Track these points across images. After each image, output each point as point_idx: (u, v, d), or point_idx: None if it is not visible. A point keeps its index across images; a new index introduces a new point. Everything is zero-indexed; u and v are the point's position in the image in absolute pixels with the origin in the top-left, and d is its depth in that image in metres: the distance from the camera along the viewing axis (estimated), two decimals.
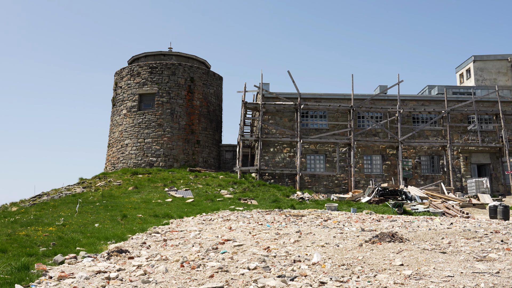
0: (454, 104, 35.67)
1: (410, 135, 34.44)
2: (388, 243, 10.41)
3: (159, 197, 24.84)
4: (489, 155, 35.27)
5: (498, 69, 43.27)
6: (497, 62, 43.47)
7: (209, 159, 37.17)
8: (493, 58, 43.56)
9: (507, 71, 43.09)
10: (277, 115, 34.92)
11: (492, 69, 43.35)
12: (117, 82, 38.33)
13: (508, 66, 43.19)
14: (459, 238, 11.24)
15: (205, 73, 38.22)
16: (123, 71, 37.90)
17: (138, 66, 37.06)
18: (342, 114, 35.20)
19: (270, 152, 34.20)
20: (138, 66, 37.08)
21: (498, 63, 43.44)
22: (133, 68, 37.21)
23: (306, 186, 33.46)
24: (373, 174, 34.25)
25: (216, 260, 8.92)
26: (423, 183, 33.92)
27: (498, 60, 43.50)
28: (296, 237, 11.69)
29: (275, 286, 6.93)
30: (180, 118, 35.98)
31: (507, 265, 8.11)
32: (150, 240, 12.11)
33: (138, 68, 37.00)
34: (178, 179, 30.72)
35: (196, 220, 16.41)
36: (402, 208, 22.33)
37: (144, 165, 34.75)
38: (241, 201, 25.16)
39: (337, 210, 22.09)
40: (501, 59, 43.44)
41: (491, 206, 21.35)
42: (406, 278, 7.31)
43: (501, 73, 43.12)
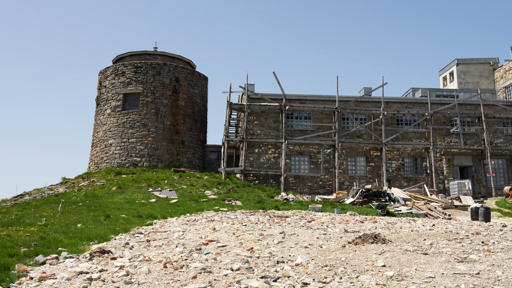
0: (437, 107, 36.03)
1: (394, 137, 34.72)
2: (371, 244, 10.48)
3: (143, 198, 24.71)
4: (471, 157, 35.69)
5: (480, 73, 43.80)
6: (479, 65, 44.00)
7: (194, 160, 37.07)
8: (476, 62, 44.08)
9: (489, 75, 43.65)
10: (262, 116, 34.96)
11: (474, 73, 43.87)
12: (101, 82, 38.05)
13: (490, 70, 43.75)
14: (440, 239, 11.36)
15: (190, 73, 38.12)
16: (108, 70, 37.64)
17: (123, 66, 36.84)
18: (327, 115, 35.36)
19: (255, 153, 34.22)
20: (123, 66, 36.86)
21: (480, 66, 43.97)
22: (118, 68, 36.98)
23: (290, 187, 33.54)
24: (357, 176, 34.45)
25: (200, 261, 8.89)
26: (407, 185, 34.21)
27: (481, 63, 44.03)
28: (280, 238, 11.71)
29: (258, 287, 6.94)
30: (165, 118, 35.84)
31: (487, 266, 8.22)
32: (133, 240, 12.03)
33: (122, 68, 36.78)
34: (162, 180, 30.59)
35: (180, 221, 16.35)
36: (385, 210, 22.49)
37: (128, 165, 34.54)
38: (225, 201, 25.13)
39: (321, 211, 22.17)
40: (484, 63, 43.98)
41: (472, 207, 21.61)
42: (388, 279, 7.36)
43: (483, 77, 43.65)
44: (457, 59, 44.46)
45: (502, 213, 25.46)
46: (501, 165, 35.99)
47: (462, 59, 44.41)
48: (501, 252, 9.59)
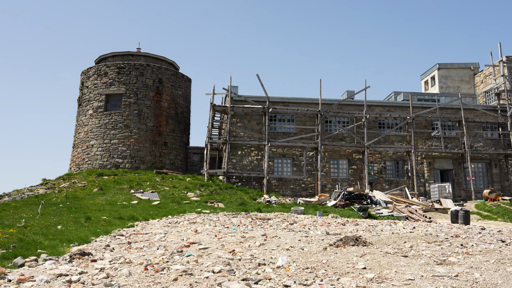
0: (419, 111, 36.42)
1: (376, 140, 34.99)
2: (352, 246, 10.55)
3: (124, 199, 24.54)
4: (451, 161, 36.13)
5: (461, 77, 44.37)
6: (460, 70, 44.57)
7: (176, 161, 36.93)
8: (457, 67, 44.65)
9: (470, 79, 44.26)
10: (246, 118, 34.97)
11: (455, 77, 44.42)
12: (83, 82, 37.72)
13: (471, 75, 44.35)
14: (420, 242, 11.47)
15: (173, 74, 37.99)
16: (90, 71, 37.34)
17: (106, 66, 36.57)
18: (310, 118, 35.50)
19: (238, 155, 34.21)
20: (105, 66, 36.59)
21: (461, 71, 44.55)
22: (100, 68, 36.70)
23: (273, 189, 33.59)
24: (340, 178, 34.64)
25: (181, 263, 8.86)
26: (388, 188, 34.50)
27: (462, 68, 44.61)
28: (262, 240, 11.72)
29: None
30: (148, 119, 35.66)
31: (465, 269, 8.33)
32: (114, 242, 11.94)
33: (105, 68, 36.51)
34: (145, 181, 30.41)
35: (162, 223, 16.27)
36: (367, 212, 22.65)
37: (110, 167, 34.28)
38: (208, 204, 25.08)
39: (303, 213, 22.24)
40: (464, 68, 44.57)
41: (452, 210, 21.87)
42: (368, 282, 7.42)
43: (464, 81, 44.23)
44: (438, 63, 44.98)
45: (481, 216, 25.82)
46: (480, 168, 36.49)
47: (444, 64, 44.94)
48: (480, 255, 9.72)
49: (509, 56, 39.11)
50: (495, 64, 39.12)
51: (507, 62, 38.62)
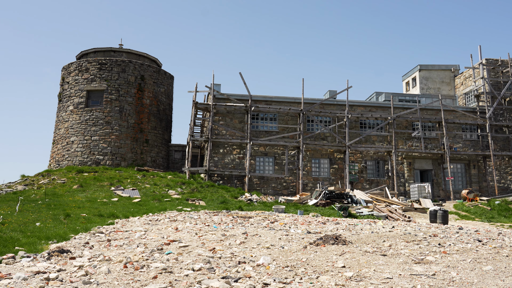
0: (400, 111, 36.78)
1: (357, 140, 35.25)
2: (332, 245, 10.63)
3: (104, 196, 24.34)
4: (431, 161, 36.57)
5: (442, 79, 44.89)
6: (441, 72, 45.10)
7: (158, 159, 36.75)
8: (438, 68, 45.16)
9: (450, 81, 44.81)
10: (228, 116, 34.94)
11: (436, 79, 44.93)
12: (64, 77, 37.29)
13: (451, 76, 44.91)
14: (399, 241, 11.61)
15: (156, 71, 37.78)
16: (71, 66, 36.92)
17: (87, 62, 36.21)
18: (292, 117, 35.61)
19: (220, 153, 34.17)
20: (87, 62, 36.22)
21: (442, 73, 45.07)
22: (82, 64, 36.32)
23: (254, 188, 33.63)
24: (321, 177, 34.82)
25: (161, 261, 8.83)
26: (369, 187, 34.78)
27: (442, 70, 45.14)
28: (242, 238, 11.74)
29: (219, 287, 6.95)
30: (129, 116, 35.41)
31: (442, 268, 8.45)
32: (94, 240, 11.85)
33: (86, 64, 36.14)
34: (125, 178, 30.20)
35: (142, 220, 16.18)
36: (347, 211, 22.81)
37: (90, 163, 33.96)
38: (189, 201, 25.01)
39: (284, 212, 22.31)
40: (445, 69, 45.10)
41: (431, 210, 22.13)
42: (347, 280, 7.49)
43: (444, 83, 44.77)
44: (419, 65, 45.44)
45: (459, 216, 26.19)
46: (459, 169, 37.00)
47: (425, 65, 45.42)
48: (457, 254, 9.87)
49: (488, 59, 39.70)
50: (475, 67, 39.67)
51: (486, 64, 39.20)
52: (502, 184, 36.99)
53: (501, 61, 39.79)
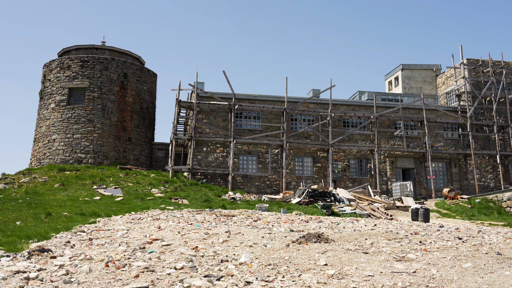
0: (382, 110, 37.07)
1: (340, 139, 35.44)
2: (314, 243, 10.67)
3: (86, 195, 24.13)
4: (413, 160, 36.94)
5: (424, 78, 45.33)
6: (423, 71, 45.55)
7: (141, 157, 36.53)
8: (420, 68, 45.60)
9: (432, 81, 45.28)
10: (211, 114, 34.87)
11: (418, 78, 45.36)
12: (45, 75, 36.86)
13: (433, 76, 45.38)
14: (381, 239, 11.70)
15: (139, 69, 37.54)
16: (53, 64, 36.51)
17: (69, 59, 35.83)
18: (276, 116, 35.67)
19: (203, 151, 34.09)
20: (68, 59, 35.85)
21: (424, 72, 45.52)
22: (63, 61, 35.93)
23: (238, 186, 33.62)
24: (304, 176, 34.93)
25: (143, 260, 8.79)
26: (352, 186, 34.99)
27: (424, 69, 45.59)
28: (225, 237, 11.73)
29: (201, 286, 6.94)
30: (112, 114, 35.13)
31: (423, 265, 8.55)
32: (75, 239, 11.74)
33: (68, 61, 35.77)
34: (108, 177, 29.97)
35: (125, 219, 16.07)
36: (330, 210, 22.93)
37: (72, 162, 33.63)
38: (172, 200, 24.91)
39: (267, 210, 22.34)
40: (427, 69, 45.56)
41: (413, 208, 22.36)
42: (329, 278, 7.53)
43: (426, 82, 45.21)
44: (402, 64, 45.83)
45: (440, 214, 26.51)
46: (441, 168, 37.43)
47: (407, 65, 45.82)
48: (437, 252, 9.99)
49: (469, 59, 40.20)
50: (456, 66, 40.15)
51: (467, 64, 39.69)
52: (483, 182, 37.50)
53: (482, 61, 40.32)
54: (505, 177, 38.03)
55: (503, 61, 40.31)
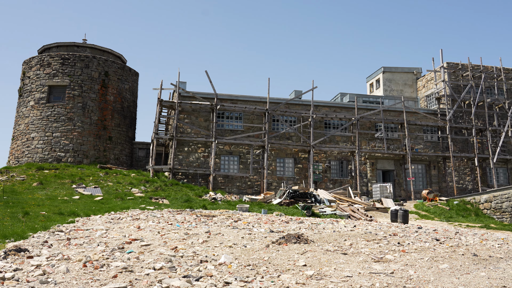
0: (363, 112, 37.35)
1: (321, 140, 35.62)
2: (294, 244, 10.71)
3: (65, 194, 23.87)
4: (393, 161, 37.29)
5: (404, 81, 45.82)
6: (404, 74, 46.04)
7: (121, 156, 36.24)
8: (401, 71, 46.09)
9: (413, 83, 45.79)
10: (193, 114, 34.77)
11: (399, 81, 45.83)
12: (25, 72, 36.35)
13: (414, 79, 45.89)
14: (360, 240, 11.79)
15: (120, 68, 37.25)
16: (32, 61, 36.02)
17: (49, 57, 35.39)
18: (258, 116, 35.71)
19: (185, 151, 33.97)
20: (49, 57, 35.40)
21: (404, 75, 46.02)
22: (44, 58, 35.48)
23: (219, 186, 33.56)
24: (285, 177, 35.03)
25: (121, 260, 8.73)
26: (332, 187, 35.19)
27: (405, 72, 46.09)
28: (205, 237, 11.71)
29: (180, 286, 6.91)
30: (92, 113, 34.79)
31: (401, 266, 8.64)
32: (53, 238, 11.60)
33: (49, 59, 35.32)
34: (87, 176, 29.68)
35: (104, 219, 15.94)
36: (310, 211, 23.02)
37: (51, 160, 33.22)
38: (152, 200, 24.77)
39: (248, 211, 22.34)
40: (408, 72, 46.07)
41: (392, 210, 22.57)
42: (308, 278, 7.57)
43: (407, 85, 45.71)
44: (383, 67, 46.26)
45: (419, 215, 26.81)
46: (420, 170, 37.86)
47: (388, 67, 46.27)
48: (415, 253, 10.11)
49: (449, 63, 40.75)
50: (436, 70, 40.66)
51: (447, 68, 40.23)
52: (461, 184, 38.03)
53: (461, 65, 40.91)
54: (483, 179, 38.61)
55: (482, 65, 40.97)
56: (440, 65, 40.35)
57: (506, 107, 40.16)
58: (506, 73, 41.57)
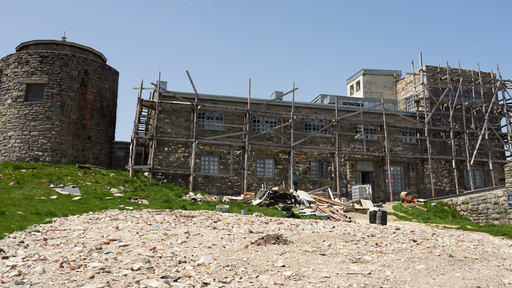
0: (343, 114, 37.62)
1: (302, 141, 35.77)
2: (273, 245, 10.75)
3: (43, 194, 23.55)
4: (372, 163, 37.63)
5: (384, 84, 46.31)
6: (383, 77, 46.53)
7: (101, 156, 35.90)
8: (381, 73, 46.57)
9: (392, 86, 46.30)
10: (174, 114, 34.63)
11: (379, 83, 46.30)
12: (2, 69, 35.77)
13: (393, 81, 46.41)
14: (339, 241, 11.88)
15: (100, 66, 36.90)
16: (10, 58, 35.47)
17: (28, 54, 34.89)
18: (238, 117, 35.71)
19: (165, 151, 33.80)
20: (27, 54, 34.90)
21: (384, 78, 46.51)
22: (22, 56, 34.96)
23: (199, 187, 33.48)
24: (265, 178, 35.09)
25: (99, 261, 8.65)
26: (312, 188, 35.36)
27: (385, 75, 46.58)
28: (184, 238, 11.68)
29: (158, 287, 6.89)
30: (71, 111, 34.39)
31: (378, 267, 8.73)
32: (29, 239, 11.45)
33: (27, 56, 34.82)
34: (66, 176, 29.33)
35: (82, 219, 15.77)
36: (290, 211, 23.09)
37: (28, 160, 32.76)
38: (131, 200, 24.59)
39: (228, 212, 22.32)
40: (388, 74, 46.57)
41: (371, 211, 22.77)
42: (286, 279, 7.60)
43: (387, 87, 46.20)
44: (363, 69, 46.68)
45: (397, 216, 27.09)
46: (399, 171, 38.27)
47: (368, 70, 46.71)
48: (392, 253, 10.22)
49: (428, 66, 41.30)
50: (415, 73, 41.16)
51: (426, 71, 40.77)
52: (439, 186, 38.55)
53: (440, 68, 41.50)
54: (460, 181, 39.19)
55: (460, 69, 41.62)
56: (419, 68, 40.89)
57: (483, 110, 40.84)
58: (484, 77, 42.30)
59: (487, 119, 40.15)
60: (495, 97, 41.70)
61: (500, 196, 26.02)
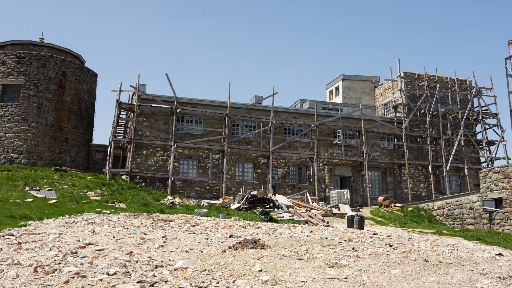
0: (322, 119, 37.84)
1: (281, 146, 35.86)
2: (251, 249, 10.75)
3: (18, 197, 23.16)
4: (351, 168, 37.91)
5: (363, 89, 46.75)
6: (362, 82, 46.98)
7: (78, 159, 35.47)
8: (360, 79, 47.01)
9: (371, 92, 46.77)
10: (153, 117, 34.40)
11: (358, 89, 46.73)
12: None
13: (372, 87, 46.89)
14: (316, 245, 11.93)
15: (78, 68, 36.50)
16: None
17: (4, 54, 34.34)
18: (218, 121, 35.65)
19: (143, 154, 33.55)
20: (3, 55, 34.35)
21: (363, 83, 46.96)
22: None
23: (178, 190, 33.30)
24: (244, 182, 35.07)
25: (74, 265, 8.55)
26: (291, 192, 35.45)
27: (364, 81, 47.04)
28: (162, 242, 11.61)
29: None
30: (48, 113, 33.92)
31: (354, 271, 8.80)
32: (3, 243, 11.25)
33: (3, 57, 34.27)
34: (42, 178, 28.90)
35: (58, 223, 15.56)
36: (268, 216, 23.13)
37: (3, 162, 32.19)
38: (109, 203, 24.35)
39: (206, 216, 22.26)
40: (366, 80, 47.04)
41: (349, 216, 22.93)
42: (263, 284, 7.61)
43: (365, 93, 46.65)
44: (343, 75, 47.06)
45: (375, 221, 27.32)
46: (377, 176, 38.62)
47: (348, 75, 47.11)
48: (369, 258, 10.31)
49: (406, 72, 41.85)
50: (393, 79, 41.65)
51: (404, 77, 41.31)
52: (415, 191, 39.01)
53: (417, 75, 42.08)
54: (436, 186, 39.73)
55: (437, 75, 42.27)
56: (398, 75, 41.39)
57: (459, 116, 41.51)
58: (460, 84, 43.01)
59: (463, 126, 40.82)
60: (471, 104, 42.42)
61: (475, 201, 26.45)
